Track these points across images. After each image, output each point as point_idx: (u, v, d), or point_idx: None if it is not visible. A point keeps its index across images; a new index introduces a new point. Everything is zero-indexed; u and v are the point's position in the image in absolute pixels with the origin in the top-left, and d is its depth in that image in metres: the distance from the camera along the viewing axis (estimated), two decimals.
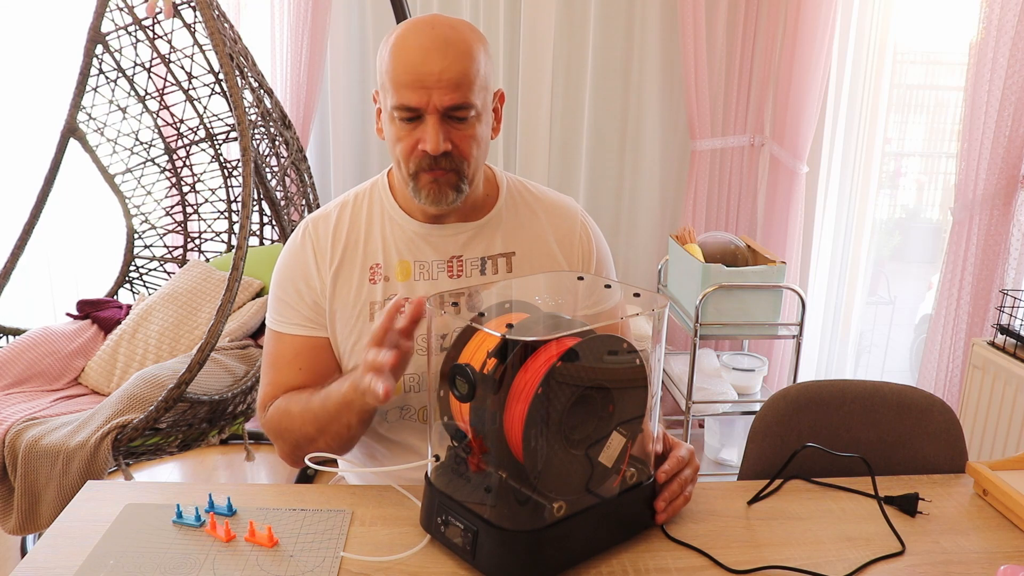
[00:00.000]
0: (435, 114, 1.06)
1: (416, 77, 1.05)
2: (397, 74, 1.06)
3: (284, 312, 1.21)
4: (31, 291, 2.95)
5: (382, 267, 1.19)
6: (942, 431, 1.30)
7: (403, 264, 1.20)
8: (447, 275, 1.20)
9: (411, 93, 1.06)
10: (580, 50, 2.84)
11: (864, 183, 2.76)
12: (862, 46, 2.67)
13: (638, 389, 0.97)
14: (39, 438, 1.85)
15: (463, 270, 1.20)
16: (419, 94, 1.05)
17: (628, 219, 3.00)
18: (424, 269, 1.20)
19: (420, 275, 1.19)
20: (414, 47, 1.06)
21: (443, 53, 1.05)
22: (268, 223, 2.78)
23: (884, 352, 2.98)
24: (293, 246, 1.22)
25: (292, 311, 1.20)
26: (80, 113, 2.52)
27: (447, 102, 1.06)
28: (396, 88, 1.07)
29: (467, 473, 0.96)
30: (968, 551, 1.01)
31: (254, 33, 2.91)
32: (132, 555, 0.95)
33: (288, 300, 1.20)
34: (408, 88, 1.06)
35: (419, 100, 1.06)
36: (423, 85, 1.05)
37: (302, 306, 1.20)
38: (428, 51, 1.05)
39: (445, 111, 1.07)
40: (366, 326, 1.18)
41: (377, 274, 1.19)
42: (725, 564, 0.96)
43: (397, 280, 1.19)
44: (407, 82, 1.06)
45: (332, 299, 1.19)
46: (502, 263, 1.22)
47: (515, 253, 1.23)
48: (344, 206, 1.23)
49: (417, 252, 1.20)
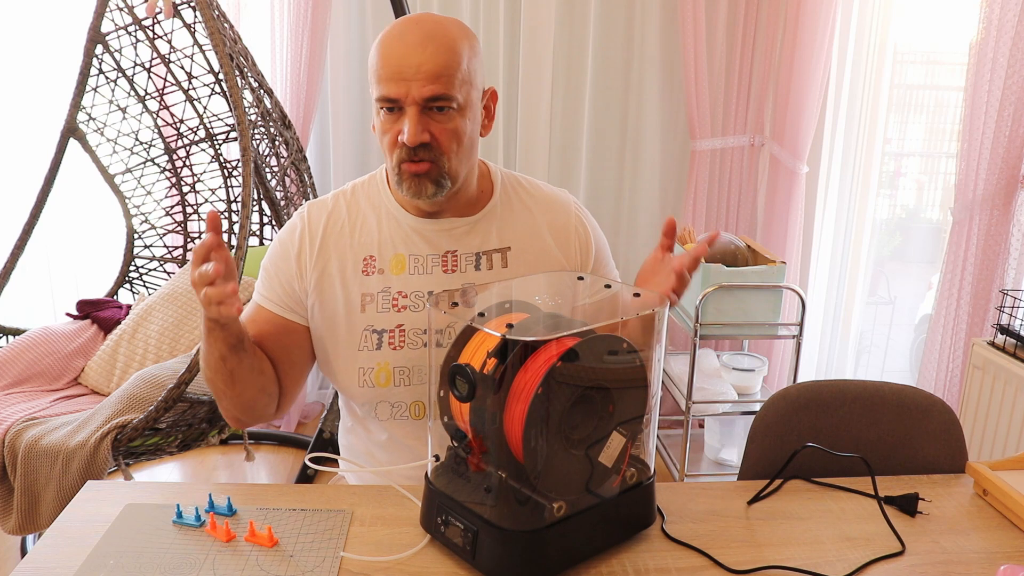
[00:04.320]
0: (414, 105, 1.08)
1: (396, 69, 1.08)
2: (380, 67, 1.10)
3: (263, 287, 1.24)
4: (31, 291, 2.95)
5: (376, 259, 1.21)
6: (942, 431, 1.30)
7: (398, 257, 1.21)
8: (441, 270, 1.21)
9: (392, 85, 1.08)
10: (580, 50, 2.84)
11: (864, 183, 2.76)
12: (862, 46, 2.67)
13: (638, 389, 0.97)
14: (39, 438, 1.85)
15: (457, 265, 1.21)
16: (399, 86, 1.08)
17: (628, 219, 3.00)
18: (419, 263, 1.21)
19: (415, 269, 1.21)
20: (398, 42, 1.09)
21: (424, 47, 1.08)
22: (268, 223, 2.78)
23: (884, 352, 2.99)
24: (285, 232, 1.25)
25: (269, 289, 1.23)
26: (80, 113, 2.52)
27: (426, 93, 1.08)
28: (379, 81, 1.10)
29: (467, 473, 0.96)
30: (968, 551, 1.01)
31: (254, 33, 2.91)
32: (132, 555, 0.95)
33: (267, 279, 1.24)
34: (389, 80, 1.08)
35: (398, 91, 1.08)
36: (403, 77, 1.08)
37: (277, 287, 1.23)
38: (410, 45, 1.08)
39: (424, 102, 1.08)
40: (357, 317, 1.20)
41: (371, 266, 1.21)
42: (725, 564, 0.96)
43: (391, 273, 1.21)
44: (388, 74, 1.08)
45: (317, 284, 1.21)
46: (497, 258, 1.23)
47: (510, 248, 1.23)
48: (342, 195, 1.26)
49: (412, 246, 1.21)
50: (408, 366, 1.20)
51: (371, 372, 1.20)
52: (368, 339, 1.20)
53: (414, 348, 1.19)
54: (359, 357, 1.20)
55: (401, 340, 1.19)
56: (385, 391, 1.20)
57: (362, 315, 1.20)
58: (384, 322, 1.19)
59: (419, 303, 1.20)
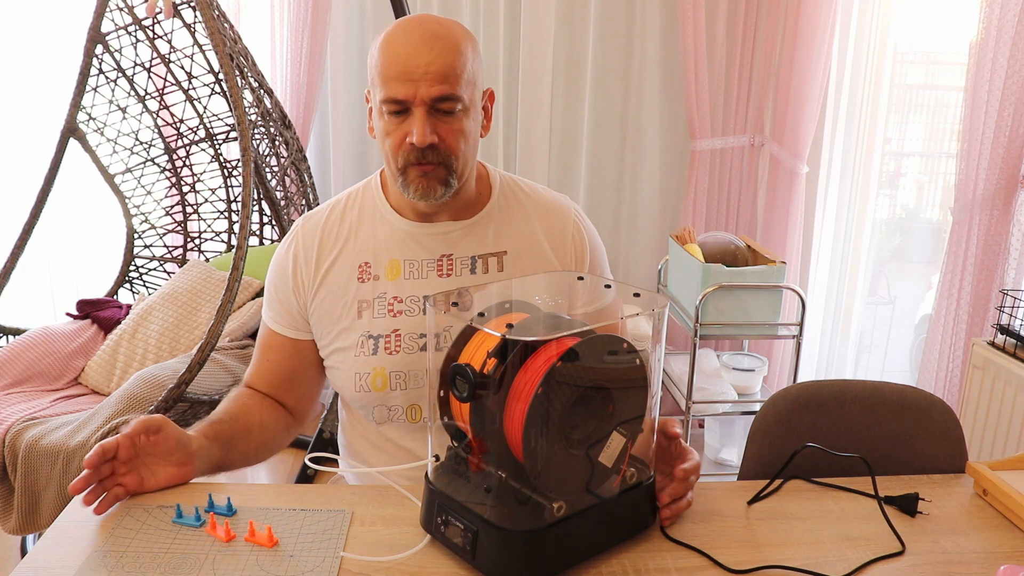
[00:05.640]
0: (422, 106, 1.08)
1: (403, 70, 1.07)
2: (385, 68, 1.08)
3: (268, 307, 1.27)
4: (31, 291, 2.95)
5: (372, 266, 1.21)
6: (942, 431, 1.30)
7: (393, 263, 1.21)
8: (436, 274, 1.21)
9: (399, 85, 1.07)
10: (580, 50, 2.84)
11: (864, 183, 2.76)
12: (862, 46, 2.67)
13: (638, 389, 0.97)
14: (39, 438, 1.85)
15: (452, 269, 1.21)
16: (406, 86, 1.07)
17: (628, 219, 3.00)
18: (414, 268, 1.21)
19: (410, 274, 1.21)
20: (402, 42, 1.08)
21: (430, 47, 1.07)
22: (268, 223, 2.78)
23: (884, 352, 2.99)
24: (280, 251, 1.27)
25: (272, 309, 1.27)
26: (80, 113, 2.52)
27: (434, 93, 1.07)
28: (384, 82, 1.09)
29: (467, 473, 0.96)
30: (968, 551, 1.01)
31: (254, 33, 2.91)
32: (132, 555, 0.95)
33: (270, 299, 1.27)
34: (396, 81, 1.07)
35: (406, 92, 1.07)
36: (410, 78, 1.06)
37: (279, 307, 1.25)
38: (416, 45, 1.07)
39: (432, 102, 1.08)
40: (354, 323, 1.20)
41: (366, 272, 1.21)
42: (725, 564, 0.96)
43: (387, 279, 1.20)
44: (394, 75, 1.07)
45: (315, 297, 1.22)
46: (493, 262, 1.22)
47: (506, 252, 1.23)
48: (336, 205, 1.26)
49: (407, 251, 1.21)
50: (404, 370, 1.20)
51: (367, 377, 1.20)
52: (364, 345, 1.20)
53: (410, 353, 1.19)
54: (356, 363, 1.20)
55: (397, 345, 1.19)
56: (381, 395, 1.21)
57: (359, 321, 1.20)
58: (380, 327, 1.19)
59: (415, 307, 1.20)
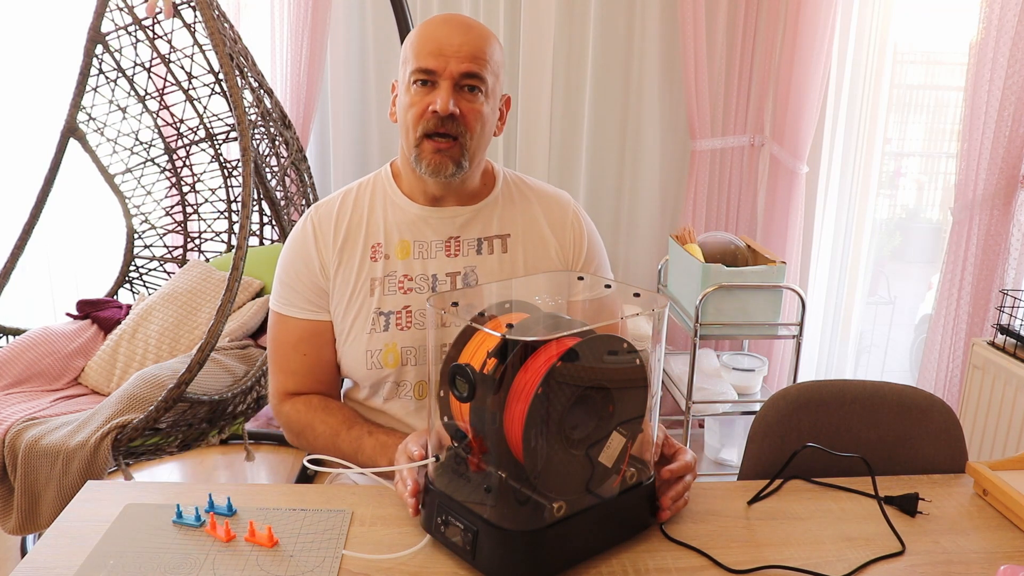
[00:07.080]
0: (449, 79, 1.16)
1: (437, 46, 1.16)
2: (420, 45, 1.17)
3: (287, 295, 1.28)
4: (31, 291, 2.95)
5: (383, 246, 1.26)
6: (942, 431, 1.30)
7: (403, 243, 1.27)
8: (444, 254, 1.27)
9: (431, 58, 1.16)
10: (580, 50, 2.84)
11: (864, 183, 2.76)
12: (862, 46, 2.67)
13: (638, 389, 0.97)
14: (39, 438, 1.85)
15: (460, 249, 1.27)
16: (438, 59, 1.16)
17: (628, 219, 3.00)
18: (423, 248, 1.27)
19: (419, 254, 1.26)
20: (440, 26, 1.19)
21: (466, 32, 1.18)
22: (268, 223, 2.78)
23: (884, 352, 2.99)
24: (296, 232, 1.30)
25: (295, 294, 1.27)
26: (80, 113, 2.52)
27: (463, 69, 1.16)
28: (417, 56, 1.17)
29: (467, 473, 0.96)
30: (968, 551, 1.01)
31: (254, 33, 2.91)
32: (132, 555, 0.95)
33: (290, 283, 1.28)
34: (429, 54, 1.16)
35: (437, 64, 1.16)
36: (442, 53, 1.16)
37: (304, 288, 1.27)
38: (452, 28, 1.18)
39: (459, 77, 1.16)
40: (366, 301, 1.25)
41: (378, 252, 1.26)
42: (725, 564, 0.96)
43: (397, 258, 1.26)
44: (429, 50, 1.16)
45: (334, 277, 1.26)
46: (497, 244, 1.29)
47: (510, 235, 1.30)
48: (348, 193, 1.32)
49: (417, 233, 1.27)
50: (415, 346, 1.25)
51: (379, 354, 1.24)
52: (376, 322, 1.24)
53: (421, 328, 1.25)
54: (369, 340, 1.24)
55: (408, 321, 1.24)
56: (392, 371, 1.25)
57: (371, 299, 1.25)
58: (391, 304, 1.24)
59: (424, 285, 1.26)
